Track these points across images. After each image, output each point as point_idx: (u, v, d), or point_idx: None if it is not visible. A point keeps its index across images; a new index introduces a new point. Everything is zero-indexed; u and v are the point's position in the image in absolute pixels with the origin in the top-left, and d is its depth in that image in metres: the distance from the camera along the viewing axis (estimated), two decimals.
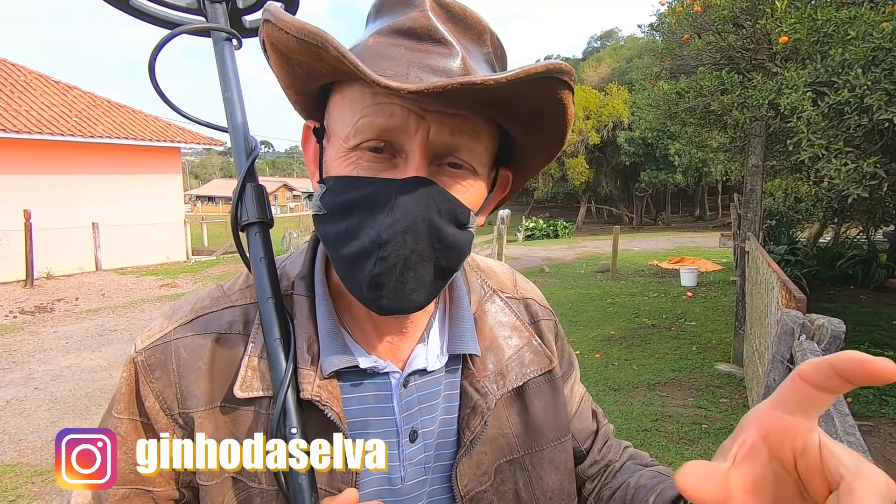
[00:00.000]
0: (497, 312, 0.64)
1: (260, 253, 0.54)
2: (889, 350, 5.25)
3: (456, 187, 0.50)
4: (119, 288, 9.99)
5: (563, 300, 8.43)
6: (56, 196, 11.10)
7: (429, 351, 0.58)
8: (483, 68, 0.50)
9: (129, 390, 0.54)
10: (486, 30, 0.52)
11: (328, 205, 0.50)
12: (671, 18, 5.86)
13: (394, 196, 0.46)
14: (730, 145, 6.89)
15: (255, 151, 0.58)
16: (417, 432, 0.56)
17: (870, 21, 3.49)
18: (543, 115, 0.50)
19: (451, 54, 0.47)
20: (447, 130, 0.47)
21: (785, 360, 2.01)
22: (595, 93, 28.67)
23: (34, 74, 12.57)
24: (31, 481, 3.34)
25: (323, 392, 0.51)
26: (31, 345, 6.35)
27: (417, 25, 0.47)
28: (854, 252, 8.79)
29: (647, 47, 11.98)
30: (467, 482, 0.56)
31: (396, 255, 0.46)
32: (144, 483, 0.54)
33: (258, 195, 0.56)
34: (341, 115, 0.50)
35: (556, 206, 36.23)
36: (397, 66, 0.46)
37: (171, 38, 0.59)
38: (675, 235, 20.47)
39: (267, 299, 0.52)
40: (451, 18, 0.50)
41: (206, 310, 0.56)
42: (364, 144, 0.48)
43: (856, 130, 3.51)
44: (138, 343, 0.55)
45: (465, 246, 0.51)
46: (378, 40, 0.48)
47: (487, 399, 0.57)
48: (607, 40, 46.91)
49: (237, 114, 0.59)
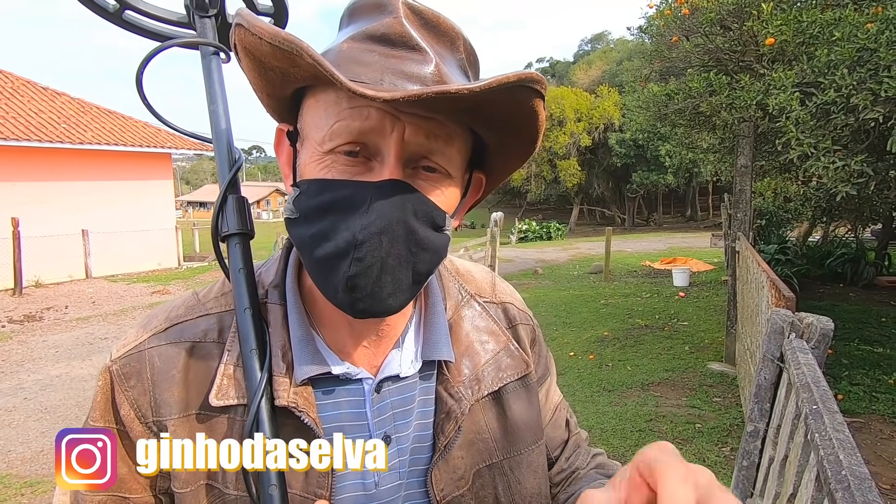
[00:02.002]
0: (474, 317, 0.64)
1: (239, 264, 0.54)
2: (878, 346, 5.32)
3: (431, 190, 0.50)
4: (109, 295, 9.90)
5: (556, 302, 8.45)
6: (45, 203, 10.99)
7: (402, 357, 0.59)
8: (456, 74, 0.51)
9: (105, 399, 0.55)
10: (458, 36, 0.53)
11: (301, 208, 0.50)
12: (659, 21, 5.92)
13: (370, 198, 0.47)
14: (719, 146, 6.96)
15: (238, 163, 0.58)
16: (391, 437, 0.56)
17: (854, 22, 3.54)
18: (516, 121, 0.51)
19: (424, 61, 0.48)
20: (422, 133, 0.48)
21: (775, 358, 2.02)
22: (586, 95, 28.84)
23: (21, 81, 12.46)
24: (21, 493, 3.29)
25: (299, 398, 0.52)
26: (20, 354, 6.27)
27: (391, 32, 0.48)
28: (843, 250, 8.89)
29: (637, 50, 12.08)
30: (443, 487, 0.57)
31: (372, 256, 0.46)
32: (120, 490, 0.54)
33: (239, 206, 0.56)
34: (316, 118, 0.50)
35: (548, 208, 36.34)
36: (372, 71, 0.47)
37: (158, 51, 0.60)
38: (666, 236, 20.61)
39: (244, 310, 0.53)
40: (425, 25, 0.50)
41: (180, 318, 0.57)
42: (339, 148, 0.48)
43: (843, 130, 3.56)
44: (113, 352, 0.56)
45: (441, 248, 0.52)
46: (352, 45, 0.49)
47: (462, 404, 0.58)
48: (598, 43, 47.25)
49: (222, 126, 0.59)
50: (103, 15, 0.65)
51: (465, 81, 0.51)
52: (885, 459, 3.25)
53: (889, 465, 3.18)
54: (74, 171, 11.57)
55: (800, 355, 1.80)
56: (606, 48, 40.94)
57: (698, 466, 0.35)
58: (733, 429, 3.68)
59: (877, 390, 4.24)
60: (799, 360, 1.76)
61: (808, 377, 1.61)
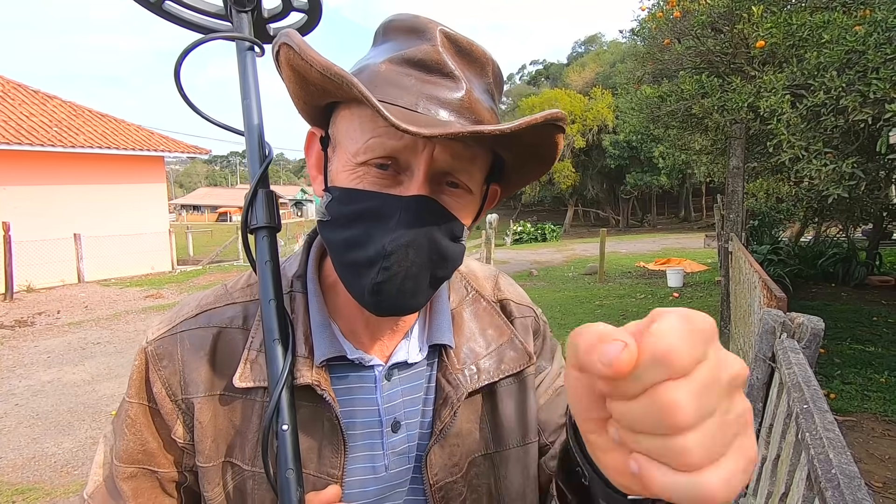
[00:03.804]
0: (478, 311, 0.68)
1: (266, 256, 0.56)
2: (870, 345, 5.36)
3: (453, 205, 0.54)
4: (102, 300, 9.81)
5: (551, 303, 8.47)
6: (36, 207, 10.90)
7: (410, 345, 0.62)
8: (483, 97, 0.55)
9: (140, 377, 0.59)
10: (489, 62, 0.56)
11: (333, 213, 0.54)
12: (652, 24, 5.96)
13: (399, 211, 0.50)
14: (712, 147, 7.01)
15: (269, 158, 0.60)
16: (400, 423, 0.60)
17: (843, 25, 3.58)
18: (536, 149, 0.56)
19: (457, 87, 0.52)
20: (449, 153, 0.51)
21: (767, 358, 2.04)
22: (580, 97, 28.98)
23: (12, 84, 12.37)
24: (12, 500, 3.25)
25: (320, 378, 0.56)
26: (11, 360, 6.20)
27: (429, 59, 0.52)
28: (834, 251, 8.96)
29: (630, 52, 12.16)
30: (437, 472, 0.59)
31: (399, 266, 0.50)
32: (150, 463, 0.58)
33: (269, 201, 0.58)
34: (350, 130, 0.53)
35: (543, 209, 36.46)
36: (408, 95, 0.51)
37: (198, 44, 0.61)
38: (660, 237, 20.70)
39: (269, 301, 0.55)
40: (459, 52, 0.54)
41: (209, 306, 0.61)
42: (372, 161, 0.52)
43: (833, 131, 3.60)
44: (149, 335, 0.60)
45: (458, 257, 0.57)
46: (390, 68, 0.52)
47: (458, 391, 0.60)
48: (591, 45, 47.46)
49: (254, 120, 0.61)
50: (145, 5, 0.66)
51: (490, 103, 0.56)
52: (876, 457, 3.27)
53: (881, 463, 3.21)
54: (66, 174, 11.48)
55: (791, 355, 1.82)
56: (600, 50, 41.17)
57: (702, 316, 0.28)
58: None
59: (868, 389, 4.27)
60: (790, 360, 1.78)
61: (798, 377, 1.63)
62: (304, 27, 0.70)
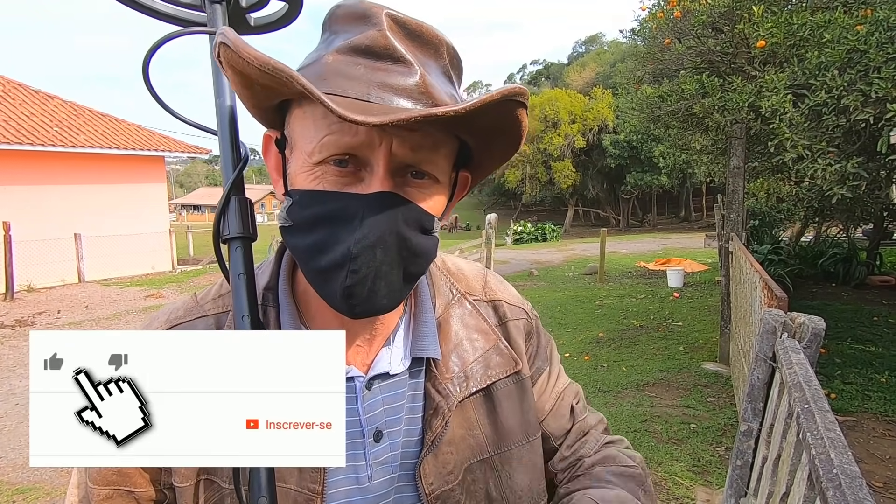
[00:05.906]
0: (464, 316, 0.66)
1: (239, 269, 0.54)
2: (870, 345, 5.35)
3: (419, 196, 0.52)
4: (102, 300, 9.82)
5: (551, 303, 8.47)
6: (37, 207, 10.90)
7: (392, 355, 0.60)
8: (440, 81, 0.52)
9: None
10: (442, 42, 0.54)
11: (295, 217, 0.51)
12: (652, 23, 5.95)
13: (362, 211, 0.48)
14: (712, 147, 7.00)
15: (243, 160, 0.57)
16: (382, 432, 0.58)
17: (844, 24, 3.57)
18: (500, 129, 0.53)
19: (409, 72, 0.49)
20: (409, 144, 0.49)
21: (767, 358, 2.03)
22: (580, 97, 28.98)
23: (13, 84, 12.37)
24: (12, 500, 3.25)
25: None
26: (12, 360, 6.21)
27: (376, 44, 0.49)
28: (835, 250, 8.95)
29: (630, 52, 12.14)
30: (432, 481, 0.58)
31: (367, 267, 0.48)
32: (126, 484, 0.56)
33: (242, 209, 0.55)
34: (304, 129, 0.51)
35: (543, 209, 36.45)
36: (358, 85, 0.48)
37: (165, 41, 0.59)
38: (661, 237, 20.68)
39: (243, 317, 0.52)
40: (409, 35, 0.51)
41: (179, 319, 0.59)
42: (329, 159, 0.49)
43: (835, 131, 3.59)
44: None
45: (431, 251, 0.54)
46: (338, 58, 0.50)
47: (449, 401, 0.60)
48: (592, 45, 47.47)
49: (227, 120, 0.58)
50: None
51: (449, 88, 0.53)
52: (877, 457, 3.27)
53: (881, 463, 3.20)
54: (67, 174, 11.48)
55: (792, 355, 1.81)
56: (600, 50, 41.18)
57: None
58: (728, 428, 3.69)
59: (869, 389, 4.27)
60: (791, 360, 1.78)
61: (799, 377, 1.62)
62: (283, 18, 0.67)
